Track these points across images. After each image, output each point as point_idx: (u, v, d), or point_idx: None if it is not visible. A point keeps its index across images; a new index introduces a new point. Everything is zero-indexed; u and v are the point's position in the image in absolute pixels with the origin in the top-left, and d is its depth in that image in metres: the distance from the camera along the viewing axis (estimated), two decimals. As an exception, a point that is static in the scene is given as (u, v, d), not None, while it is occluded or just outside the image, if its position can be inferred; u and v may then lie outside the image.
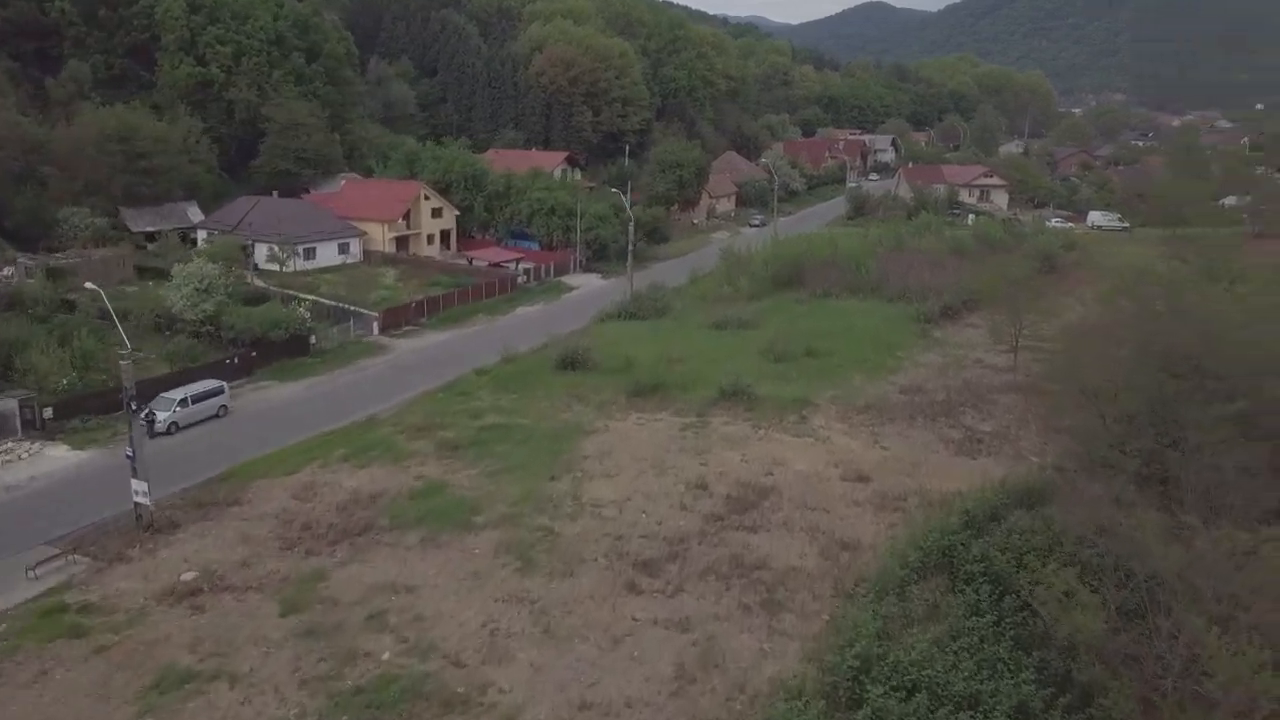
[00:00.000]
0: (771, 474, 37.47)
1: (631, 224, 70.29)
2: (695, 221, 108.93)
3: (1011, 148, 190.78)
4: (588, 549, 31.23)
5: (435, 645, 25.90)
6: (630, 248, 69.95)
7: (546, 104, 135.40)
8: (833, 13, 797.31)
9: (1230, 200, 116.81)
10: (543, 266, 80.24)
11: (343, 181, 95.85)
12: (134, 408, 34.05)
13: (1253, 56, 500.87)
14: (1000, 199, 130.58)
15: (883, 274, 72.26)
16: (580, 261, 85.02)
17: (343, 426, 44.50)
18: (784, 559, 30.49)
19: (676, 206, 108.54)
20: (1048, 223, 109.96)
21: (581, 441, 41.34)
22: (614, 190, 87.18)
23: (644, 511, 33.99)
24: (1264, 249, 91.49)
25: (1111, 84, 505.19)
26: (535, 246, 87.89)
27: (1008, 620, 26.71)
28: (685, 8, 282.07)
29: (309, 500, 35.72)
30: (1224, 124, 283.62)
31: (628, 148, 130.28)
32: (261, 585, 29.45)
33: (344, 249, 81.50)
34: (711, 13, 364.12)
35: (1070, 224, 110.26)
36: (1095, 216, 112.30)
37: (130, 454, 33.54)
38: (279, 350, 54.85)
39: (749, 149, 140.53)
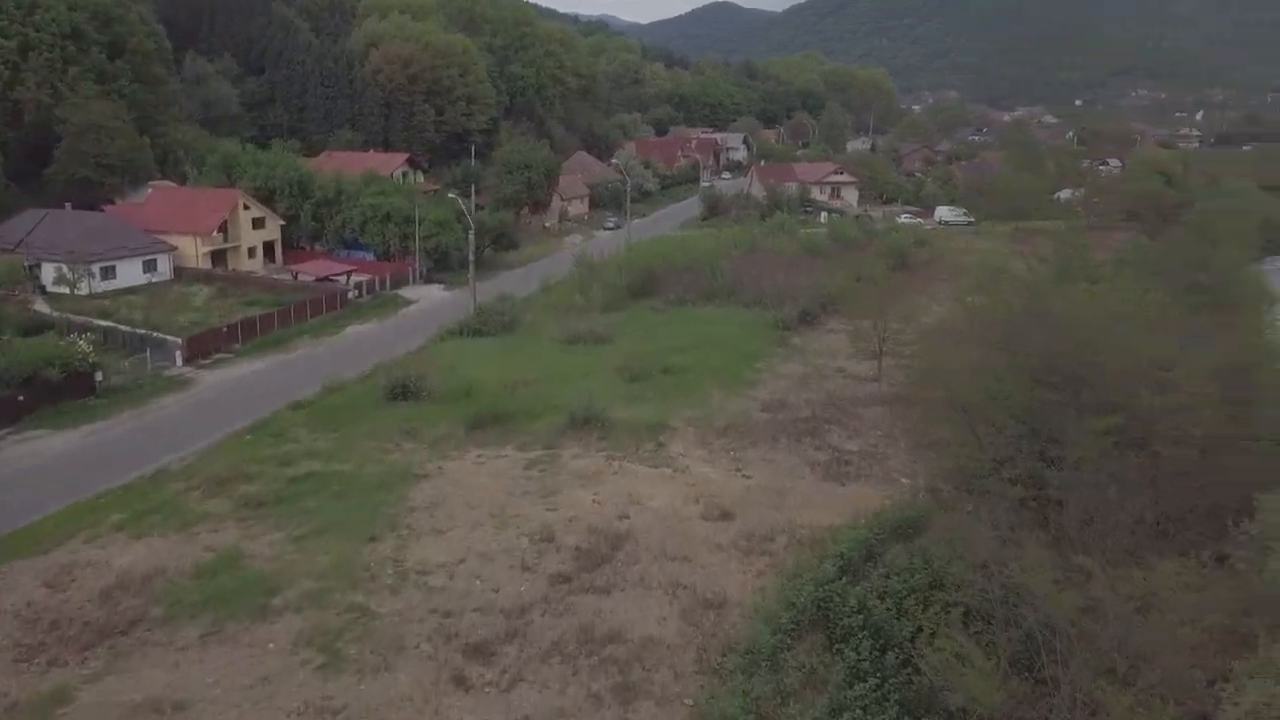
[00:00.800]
0: (627, 516, 33.32)
1: (471, 231, 64.96)
2: (547, 225, 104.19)
3: (859, 144, 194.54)
4: (409, 632, 26.18)
5: (203, 788, 20.44)
6: (472, 256, 64.64)
7: (385, 103, 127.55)
8: (682, 12, 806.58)
9: (1065, 194, 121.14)
10: (378, 279, 73.78)
11: (149, 190, 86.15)
12: None
13: (1070, 57, 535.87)
14: (851, 196, 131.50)
15: (738, 278, 69.60)
16: (420, 272, 78.93)
17: (123, 485, 37.54)
18: (641, 626, 26.32)
19: (526, 210, 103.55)
20: (898, 219, 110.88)
21: (410, 489, 36.08)
22: (454, 194, 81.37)
23: (478, 577, 29.15)
24: (1103, 242, 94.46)
25: (946, 82, 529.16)
26: (370, 257, 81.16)
27: (891, 681, 23.51)
28: (534, 5, 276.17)
29: (64, 588, 29.10)
30: (1050, 119, 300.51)
31: (473, 148, 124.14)
32: (-21, 718, 23.08)
33: (150, 267, 72.69)
34: (562, 10, 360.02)
35: (919, 220, 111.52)
36: (942, 212, 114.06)
37: None
38: (57, 391, 46.85)
39: (601, 149, 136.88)
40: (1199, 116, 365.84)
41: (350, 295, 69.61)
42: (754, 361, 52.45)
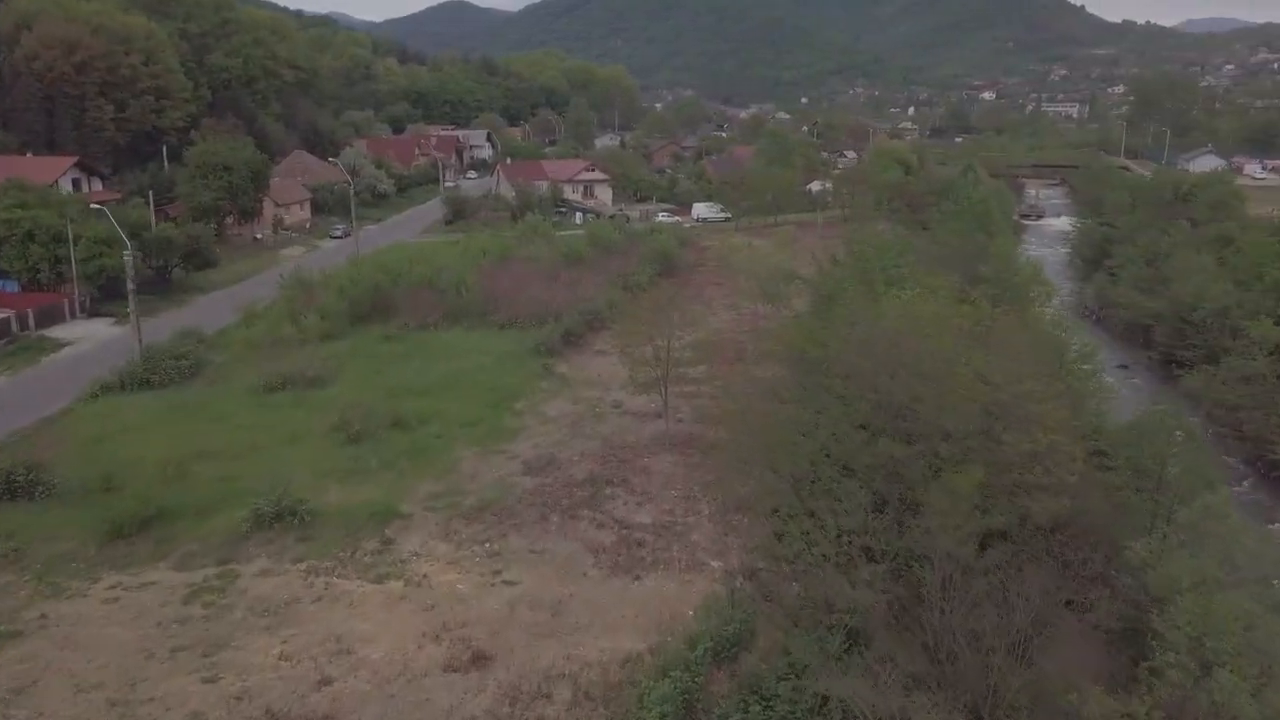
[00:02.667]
0: (329, 681, 22.22)
1: (128, 250, 49.81)
2: (258, 236, 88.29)
3: (607, 141, 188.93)
4: None
5: None
6: (132, 283, 49.55)
7: (47, 97, 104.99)
8: (416, 10, 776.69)
9: (815, 186, 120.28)
10: (15, 316, 56.51)
11: None
12: None
13: (790, 56, 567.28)
14: (605, 194, 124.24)
15: (490, 294, 59.16)
16: (83, 304, 62.05)
17: None
18: None
19: (232, 219, 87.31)
20: (658, 218, 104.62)
21: (-21, 671, 22.96)
22: (112, 204, 64.75)
23: None
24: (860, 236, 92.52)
25: (682, 81, 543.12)
26: (14, 287, 63.05)
27: None
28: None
29: None
30: (782, 115, 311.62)
31: (166, 149, 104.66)
32: None
33: None
34: (283, 4, 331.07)
35: (678, 218, 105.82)
36: (700, 209, 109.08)
37: None
38: None
39: (328, 149, 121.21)
40: (910, 112, 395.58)
41: (-31, 342, 52.22)
42: (513, 402, 42.27)
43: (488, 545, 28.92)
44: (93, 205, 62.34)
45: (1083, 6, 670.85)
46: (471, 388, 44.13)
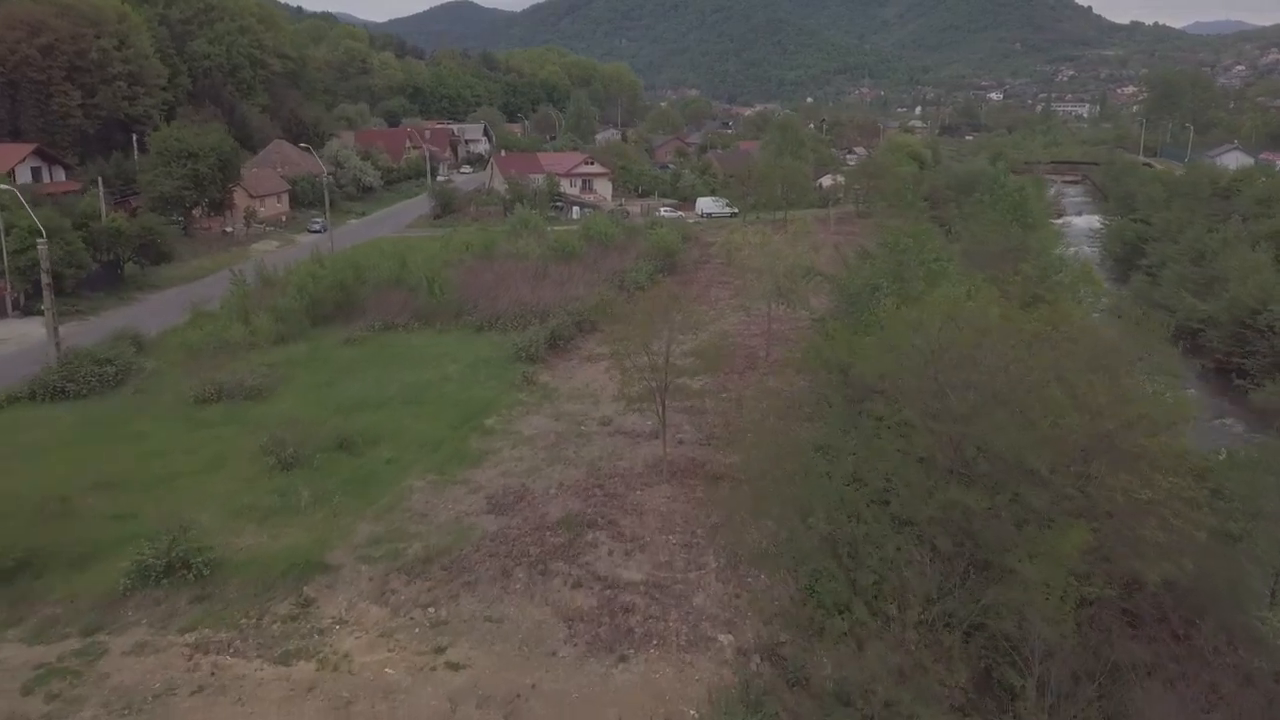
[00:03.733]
0: (186, 828, 15.85)
1: (44, 242, 43.27)
2: (228, 230, 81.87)
3: (610, 135, 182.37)
4: None
5: None
6: (46, 276, 42.88)
7: (10, 82, 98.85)
8: (419, 10, 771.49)
9: (827, 181, 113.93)
10: (-67, 317, 50.30)
11: None
12: None
13: (796, 56, 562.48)
14: (605, 189, 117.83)
15: (469, 293, 52.78)
16: (17, 301, 55.79)
17: None
18: None
19: (200, 211, 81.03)
20: (659, 213, 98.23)
21: None
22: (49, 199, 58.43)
23: None
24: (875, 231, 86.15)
25: (687, 80, 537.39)
26: (-60, 283, 56.83)
27: None
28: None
29: None
30: (789, 112, 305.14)
31: (136, 138, 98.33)
32: None
33: None
34: (284, 1, 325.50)
35: (681, 213, 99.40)
36: (705, 204, 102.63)
37: None
38: None
39: (309, 138, 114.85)
40: (917, 111, 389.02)
41: None
42: (484, 418, 35.85)
43: (431, 611, 22.51)
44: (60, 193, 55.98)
45: (1090, 8, 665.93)
46: (437, 401, 37.75)
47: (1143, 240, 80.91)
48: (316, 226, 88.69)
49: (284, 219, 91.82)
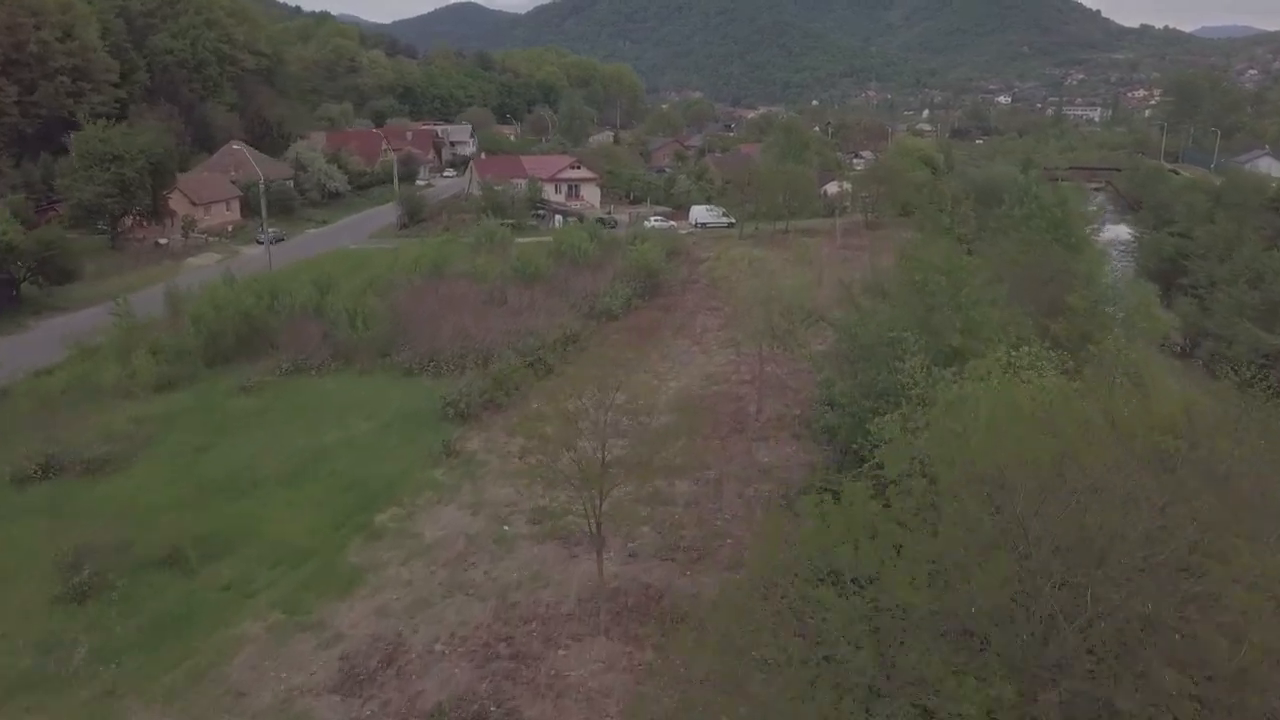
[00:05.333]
0: None
1: None
2: (161, 242, 73.14)
3: (603, 137, 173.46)
4: None
5: None
6: None
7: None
8: (424, 11, 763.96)
9: (832, 188, 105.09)
10: None
11: None
12: None
13: (802, 59, 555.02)
14: (592, 195, 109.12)
15: (408, 322, 44.02)
16: (-125, 331, 47.28)
17: None
18: None
19: (132, 221, 72.42)
20: (648, 223, 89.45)
21: None
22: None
23: None
24: (882, 244, 77.32)
25: (690, 83, 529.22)
26: None
27: None
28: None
29: None
30: (793, 115, 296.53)
31: (72, 137, 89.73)
32: None
33: None
34: (284, 1, 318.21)
35: (672, 223, 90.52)
36: (698, 213, 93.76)
37: None
38: None
39: (273, 139, 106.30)
40: (925, 114, 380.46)
41: None
42: (377, 510, 27.07)
43: None
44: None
45: (1098, 11, 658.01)
46: (326, 480, 28.97)
47: (1183, 256, 72.36)
48: (266, 237, 80.00)
49: (230, 229, 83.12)
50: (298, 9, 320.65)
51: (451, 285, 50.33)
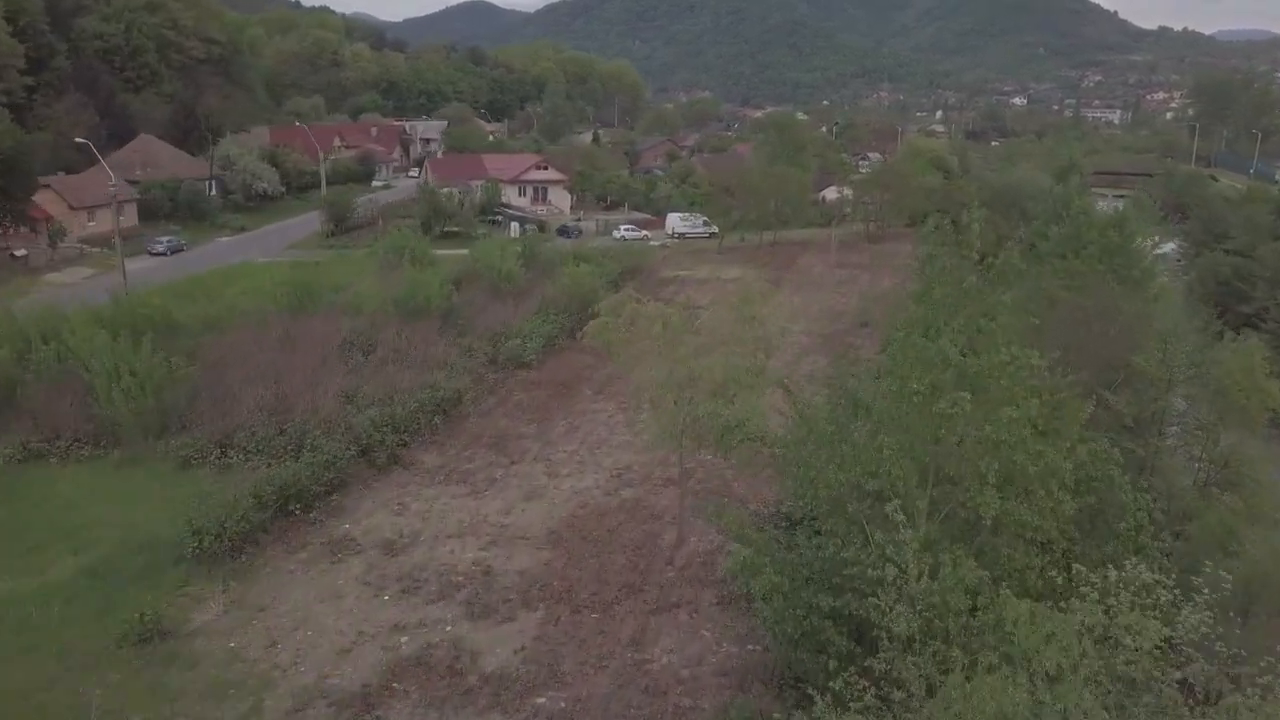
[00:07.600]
0: None
1: None
2: (18, 254, 61.10)
3: (587, 137, 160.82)
4: None
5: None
6: None
7: None
8: (434, 10, 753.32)
9: (831, 193, 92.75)
10: None
11: None
12: None
13: (813, 59, 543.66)
14: (561, 199, 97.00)
15: (220, 380, 31.78)
16: None
17: None
18: None
19: (-11, 229, 60.60)
20: (615, 233, 77.27)
21: None
22: None
23: None
24: (884, 259, 65.45)
25: (700, 82, 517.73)
26: None
27: None
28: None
29: None
30: (801, 116, 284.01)
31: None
32: None
33: None
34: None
35: (644, 232, 78.22)
36: (674, 220, 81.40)
37: None
38: None
39: (200, 134, 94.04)
40: (938, 115, 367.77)
41: None
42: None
43: None
44: None
45: (1115, 12, 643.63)
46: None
47: (1241, 278, 59.85)
48: (159, 247, 68.07)
49: (121, 238, 70.88)
50: (297, 4, 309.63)
51: (309, 322, 38.00)
